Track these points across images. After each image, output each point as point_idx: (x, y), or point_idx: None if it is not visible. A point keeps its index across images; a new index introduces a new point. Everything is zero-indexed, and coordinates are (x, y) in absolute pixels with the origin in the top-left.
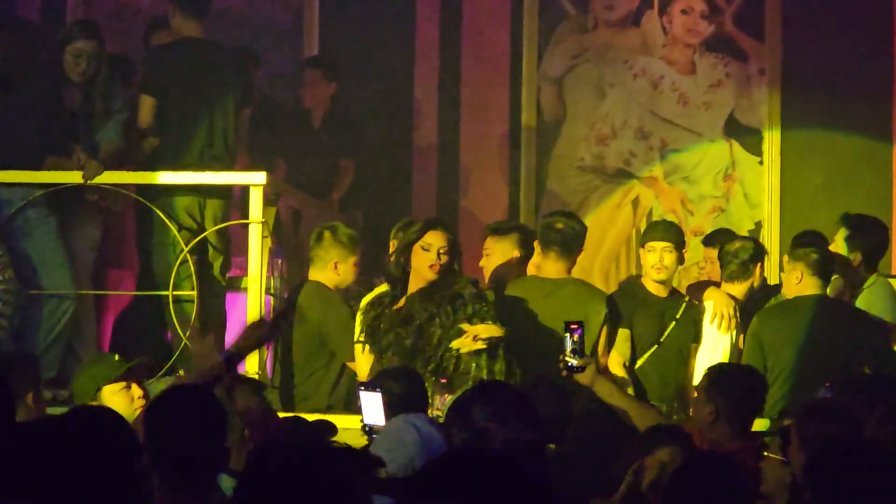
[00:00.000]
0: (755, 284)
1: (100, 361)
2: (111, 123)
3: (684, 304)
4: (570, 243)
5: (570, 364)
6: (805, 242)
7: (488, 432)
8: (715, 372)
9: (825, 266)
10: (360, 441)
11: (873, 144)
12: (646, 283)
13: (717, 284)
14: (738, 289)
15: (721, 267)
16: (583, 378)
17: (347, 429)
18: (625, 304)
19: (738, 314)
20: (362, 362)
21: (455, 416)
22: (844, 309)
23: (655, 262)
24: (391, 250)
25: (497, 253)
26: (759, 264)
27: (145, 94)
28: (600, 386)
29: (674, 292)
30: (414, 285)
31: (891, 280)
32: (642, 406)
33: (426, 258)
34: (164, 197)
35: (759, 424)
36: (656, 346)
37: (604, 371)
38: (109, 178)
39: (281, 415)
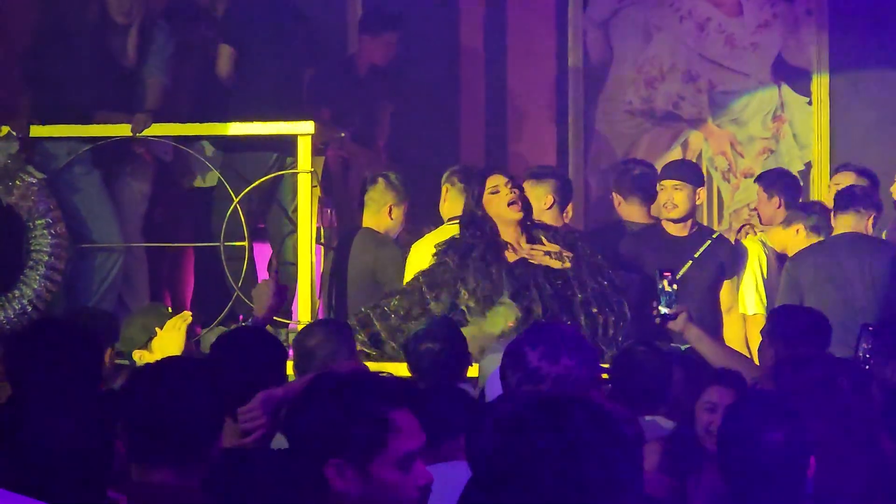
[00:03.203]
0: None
1: (150, 311)
2: (153, 60)
3: (709, 242)
4: (652, 190)
5: (663, 312)
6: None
7: (540, 371)
8: (776, 315)
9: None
10: None
11: None
12: (664, 224)
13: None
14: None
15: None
16: (674, 325)
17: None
18: (633, 245)
19: (765, 255)
20: None
21: (509, 359)
22: (879, 244)
23: (666, 199)
24: (442, 196)
25: (531, 198)
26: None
27: (225, 43)
28: (690, 332)
29: (700, 230)
30: (505, 233)
31: None
32: (731, 352)
33: (500, 199)
34: (239, 153)
35: None
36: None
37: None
38: (158, 130)
39: None
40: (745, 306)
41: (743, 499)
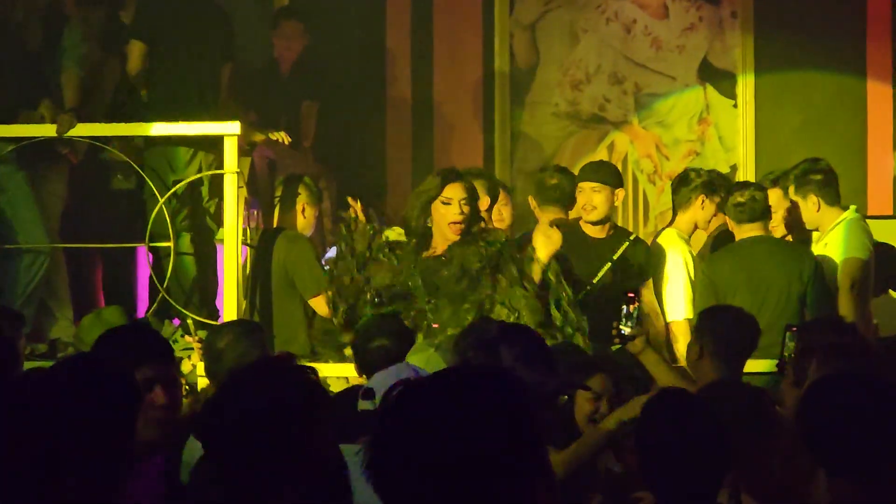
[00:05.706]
0: (704, 221)
1: (111, 313)
2: (66, 55)
3: (626, 244)
4: (569, 198)
5: (623, 332)
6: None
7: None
8: (704, 312)
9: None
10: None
11: (847, 83)
12: (582, 225)
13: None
14: (682, 219)
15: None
16: (633, 347)
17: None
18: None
19: (690, 256)
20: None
21: (480, 350)
22: (796, 249)
23: (585, 202)
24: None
25: None
26: (703, 197)
27: (135, 39)
28: (646, 356)
29: (617, 233)
30: (439, 240)
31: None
32: (683, 379)
33: (448, 213)
34: (154, 148)
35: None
36: (588, 287)
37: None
38: (83, 130)
39: None
40: (671, 311)
41: (661, 496)
